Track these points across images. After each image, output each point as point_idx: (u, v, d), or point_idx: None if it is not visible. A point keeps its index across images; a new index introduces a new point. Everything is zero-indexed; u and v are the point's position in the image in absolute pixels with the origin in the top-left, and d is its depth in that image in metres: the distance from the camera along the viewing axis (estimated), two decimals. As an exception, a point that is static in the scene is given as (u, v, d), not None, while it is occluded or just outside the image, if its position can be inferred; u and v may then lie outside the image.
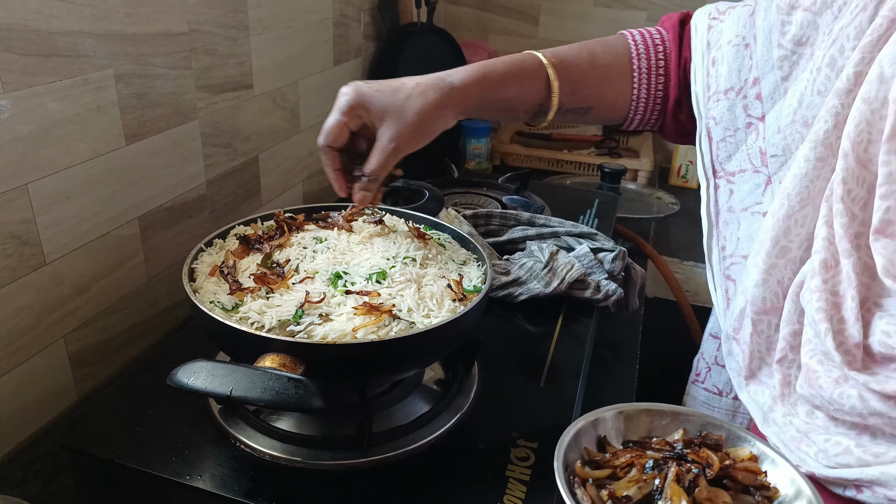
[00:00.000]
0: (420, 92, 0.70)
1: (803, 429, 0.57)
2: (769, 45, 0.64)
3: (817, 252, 0.55)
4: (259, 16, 1.06)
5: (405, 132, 0.69)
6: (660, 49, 0.76)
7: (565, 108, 0.77)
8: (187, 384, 0.55)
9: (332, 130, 0.70)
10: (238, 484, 0.62)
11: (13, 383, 0.73)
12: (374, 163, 0.70)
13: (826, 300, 0.53)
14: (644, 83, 0.77)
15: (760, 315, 0.62)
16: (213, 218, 1.03)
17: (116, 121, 0.81)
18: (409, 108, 0.69)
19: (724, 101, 0.68)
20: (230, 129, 1.04)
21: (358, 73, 1.46)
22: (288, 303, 0.63)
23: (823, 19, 0.60)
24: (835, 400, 0.52)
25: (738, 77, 0.67)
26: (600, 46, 0.78)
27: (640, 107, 0.78)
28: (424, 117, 0.69)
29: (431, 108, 0.70)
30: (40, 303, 0.75)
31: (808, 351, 0.55)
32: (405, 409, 0.71)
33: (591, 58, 0.77)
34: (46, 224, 0.74)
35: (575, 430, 0.58)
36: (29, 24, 0.68)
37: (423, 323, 0.63)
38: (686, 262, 1.39)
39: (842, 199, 0.54)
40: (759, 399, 0.63)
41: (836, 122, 0.56)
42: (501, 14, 1.86)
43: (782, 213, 0.60)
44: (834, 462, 0.53)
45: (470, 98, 0.72)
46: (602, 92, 0.78)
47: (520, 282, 0.94)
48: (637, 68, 0.77)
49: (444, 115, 0.72)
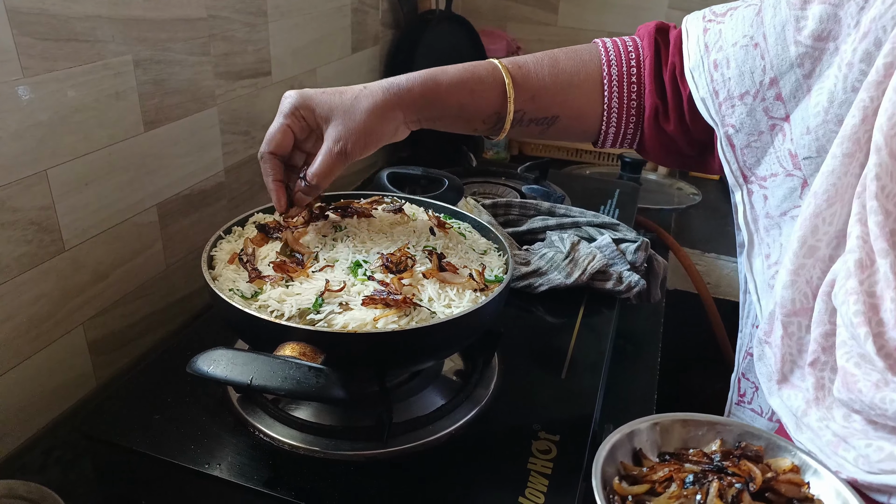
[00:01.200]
0: (368, 93, 0.67)
1: (841, 433, 0.55)
2: (784, 44, 0.61)
3: (851, 252, 0.53)
4: (277, 2, 1.05)
5: (353, 132, 0.66)
6: (632, 56, 0.72)
7: (527, 118, 0.73)
8: (207, 372, 0.54)
9: (275, 136, 0.67)
10: (257, 473, 0.61)
11: (33, 370, 0.73)
12: (318, 164, 0.67)
13: (864, 302, 0.51)
14: (616, 91, 0.72)
15: (790, 317, 0.60)
16: (232, 206, 1.03)
17: (135, 107, 0.80)
18: (356, 107, 0.66)
19: (740, 107, 0.64)
20: (248, 116, 1.03)
21: (376, 60, 1.45)
22: (308, 291, 0.62)
23: (846, 11, 0.57)
24: (876, 405, 0.50)
25: (751, 80, 0.63)
26: (565, 53, 0.74)
27: (612, 117, 0.73)
28: (373, 116, 0.66)
29: (381, 107, 0.66)
30: (60, 290, 0.75)
31: (844, 354, 0.53)
32: (425, 400, 0.71)
33: (553, 63, 0.73)
34: (65, 210, 0.73)
35: (611, 444, 0.56)
36: (48, 9, 0.67)
37: (444, 313, 0.62)
38: (707, 254, 1.36)
39: (876, 195, 0.51)
40: (792, 403, 0.61)
41: (865, 115, 0.54)
42: (520, 1, 1.83)
43: (809, 211, 0.58)
44: (877, 468, 0.52)
45: (419, 100, 0.69)
46: (568, 99, 0.73)
47: (540, 272, 0.93)
48: (607, 75, 0.72)
49: (395, 117, 0.68)
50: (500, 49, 1.75)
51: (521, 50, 1.81)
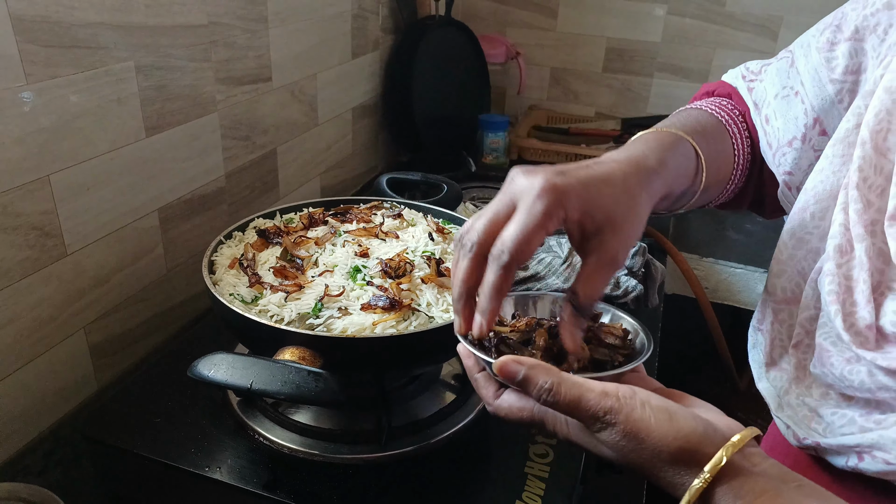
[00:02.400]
0: (635, 183, 0.52)
1: (814, 406, 0.58)
2: (820, 84, 0.64)
3: (833, 237, 0.56)
4: (278, 8, 1.06)
5: (631, 239, 0.51)
6: (735, 112, 0.70)
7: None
8: (208, 376, 0.55)
9: (526, 240, 0.46)
10: (256, 476, 0.62)
11: (35, 373, 0.74)
12: (598, 283, 0.50)
13: (839, 283, 0.54)
14: (740, 149, 0.69)
15: (781, 304, 0.63)
16: (232, 211, 1.03)
17: (137, 113, 0.81)
18: (627, 205, 0.51)
19: (791, 153, 0.67)
20: (249, 121, 1.04)
21: (376, 65, 1.46)
22: (307, 296, 0.63)
23: (869, 44, 0.60)
24: (845, 377, 0.53)
25: (795, 125, 0.66)
26: (699, 118, 0.67)
27: (736, 174, 0.69)
28: (643, 216, 0.52)
29: (647, 204, 0.53)
30: (61, 293, 0.75)
31: (823, 333, 0.56)
32: (423, 404, 0.71)
33: (704, 129, 0.65)
34: (67, 215, 0.74)
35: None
36: (51, 16, 0.68)
37: (442, 318, 0.62)
38: (705, 258, 1.37)
39: (857, 186, 0.54)
40: (776, 384, 0.63)
41: (858, 121, 0.56)
42: (520, 7, 1.84)
43: (798, 206, 0.61)
44: (838, 433, 0.54)
45: (664, 187, 0.57)
46: (720, 166, 0.67)
47: (538, 277, 0.93)
48: (732, 134, 0.68)
49: (649, 211, 0.55)
50: (500, 54, 1.75)
51: (522, 55, 1.82)
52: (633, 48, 1.77)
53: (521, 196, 0.47)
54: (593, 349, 0.52)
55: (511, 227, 0.47)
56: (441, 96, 1.56)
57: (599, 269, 0.49)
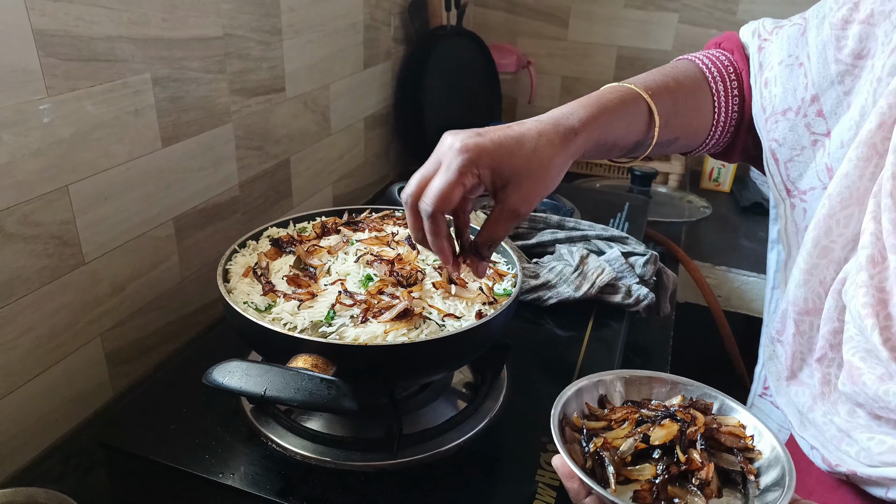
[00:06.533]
0: (546, 142, 0.57)
1: (844, 427, 0.56)
2: (825, 62, 0.63)
3: (864, 248, 0.54)
4: (291, 20, 1.07)
5: (536, 194, 0.58)
6: (730, 70, 0.72)
7: (656, 143, 0.69)
8: (222, 383, 0.56)
9: (446, 194, 0.55)
10: (269, 483, 0.62)
11: (53, 379, 0.75)
12: (497, 230, 0.59)
13: (872, 296, 0.52)
14: (723, 106, 0.71)
15: (802, 315, 0.62)
16: (245, 220, 1.05)
17: (153, 124, 0.82)
18: (539, 165, 0.57)
19: (783, 122, 0.66)
20: (262, 132, 1.05)
21: (388, 75, 1.47)
22: (320, 304, 0.64)
23: (881, 29, 0.59)
24: (879, 397, 0.51)
25: (793, 97, 0.65)
26: (679, 73, 0.70)
27: (717, 131, 0.72)
28: (555, 172, 0.58)
29: (561, 161, 0.58)
30: (79, 302, 0.76)
31: (851, 348, 0.54)
32: (434, 412, 0.71)
33: (678, 85, 0.69)
34: (85, 224, 0.75)
35: (577, 387, 0.59)
36: (71, 31, 0.69)
37: (453, 326, 0.63)
38: (718, 266, 1.37)
39: (891, 194, 0.53)
40: (798, 399, 0.62)
41: (882, 122, 0.55)
42: (531, 17, 1.85)
43: (823, 213, 0.59)
44: (878, 461, 0.52)
45: (588, 143, 0.61)
46: (690, 121, 0.71)
47: (549, 285, 0.94)
48: (715, 91, 0.71)
49: (567, 165, 0.61)
50: (511, 63, 1.76)
51: (532, 65, 1.82)
52: (644, 57, 1.78)
53: (443, 156, 0.56)
54: (716, 456, 0.52)
55: (434, 182, 0.56)
56: (452, 106, 1.57)
57: (500, 217, 0.58)
